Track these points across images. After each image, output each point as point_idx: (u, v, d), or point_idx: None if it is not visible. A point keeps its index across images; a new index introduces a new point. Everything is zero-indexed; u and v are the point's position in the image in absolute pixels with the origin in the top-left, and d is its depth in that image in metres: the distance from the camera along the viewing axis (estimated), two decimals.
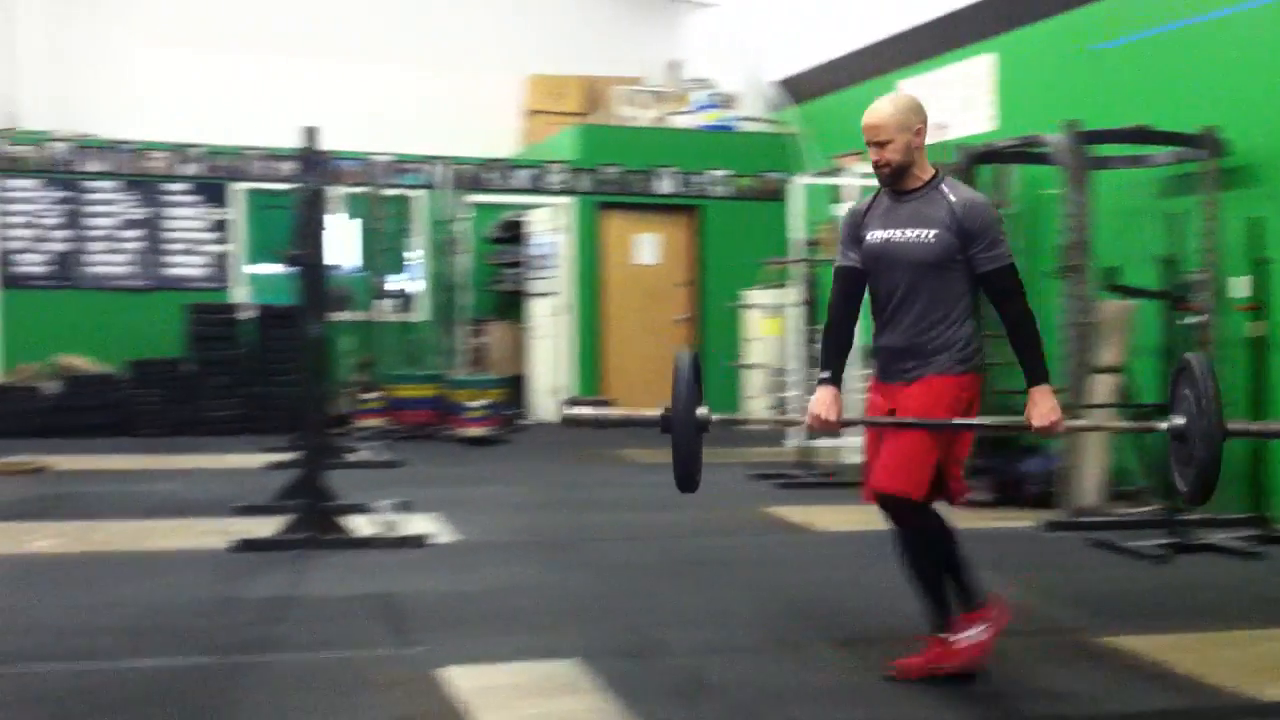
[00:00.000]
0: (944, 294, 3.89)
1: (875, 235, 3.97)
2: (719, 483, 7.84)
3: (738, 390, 11.64)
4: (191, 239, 11.90)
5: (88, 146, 11.65)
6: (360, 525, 6.48)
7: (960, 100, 9.90)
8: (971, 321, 3.94)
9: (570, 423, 5.52)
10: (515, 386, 12.44)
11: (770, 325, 10.73)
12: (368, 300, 11.96)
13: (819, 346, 4.12)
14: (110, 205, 11.68)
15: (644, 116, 13.09)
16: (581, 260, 12.50)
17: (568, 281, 12.45)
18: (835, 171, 9.66)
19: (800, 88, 12.54)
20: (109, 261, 11.72)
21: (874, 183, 4.06)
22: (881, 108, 3.93)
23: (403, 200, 12.31)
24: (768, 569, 5.89)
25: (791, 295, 9.49)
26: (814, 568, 6.01)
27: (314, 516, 6.23)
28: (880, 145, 3.91)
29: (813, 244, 9.41)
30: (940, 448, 3.87)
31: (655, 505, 7.53)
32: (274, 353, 11.27)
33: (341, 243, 11.56)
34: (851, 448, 9.11)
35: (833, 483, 8.50)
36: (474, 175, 12.34)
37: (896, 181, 3.95)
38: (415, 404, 11.08)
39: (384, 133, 12.31)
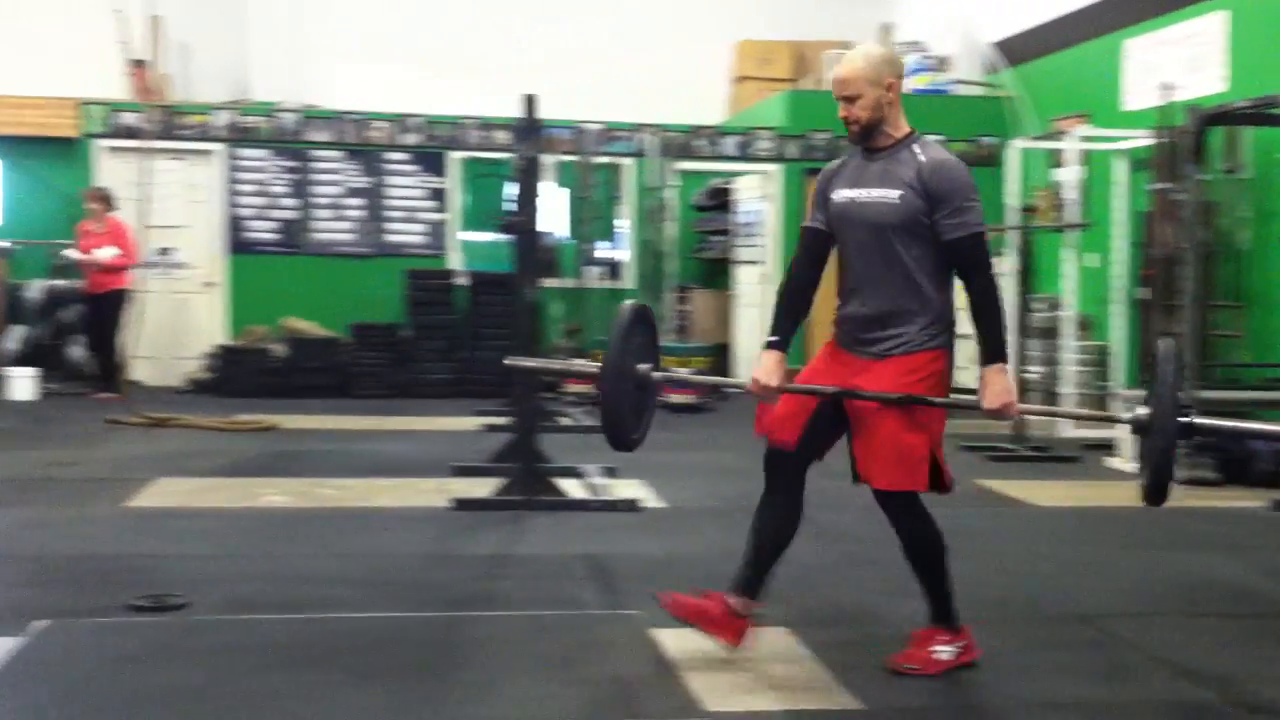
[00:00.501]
0: (912, 260, 3.65)
1: (840, 195, 3.75)
2: None
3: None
4: (410, 206, 12.27)
5: (313, 117, 12.11)
6: (572, 488, 6.62)
7: (1188, 60, 9.48)
8: (947, 292, 3.71)
9: (511, 369, 5.22)
10: (720, 354, 12.47)
11: None
12: (576, 267, 12.15)
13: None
14: (334, 174, 12.13)
15: None
16: (787, 228, 12.41)
17: (773, 249, 12.40)
18: (1054, 135, 9.38)
19: (1017, 49, 12.18)
20: (332, 228, 12.17)
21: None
22: (851, 60, 3.70)
23: (611, 168, 12.44)
24: (984, 541, 5.78)
25: (1006, 264, 9.27)
26: (1032, 542, 5.89)
27: (528, 478, 6.39)
28: (849, 100, 3.67)
29: (1028, 210, 9.16)
30: (931, 435, 3.69)
31: None
32: (486, 318, 11.57)
33: (552, 210, 11.76)
34: (1065, 423, 8.88)
35: (1047, 457, 8.29)
36: (682, 143, 12.39)
37: (867, 139, 3.72)
38: None
39: (594, 101, 12.43)
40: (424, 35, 13.28)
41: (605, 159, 12.32)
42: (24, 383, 10.52)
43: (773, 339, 3.88)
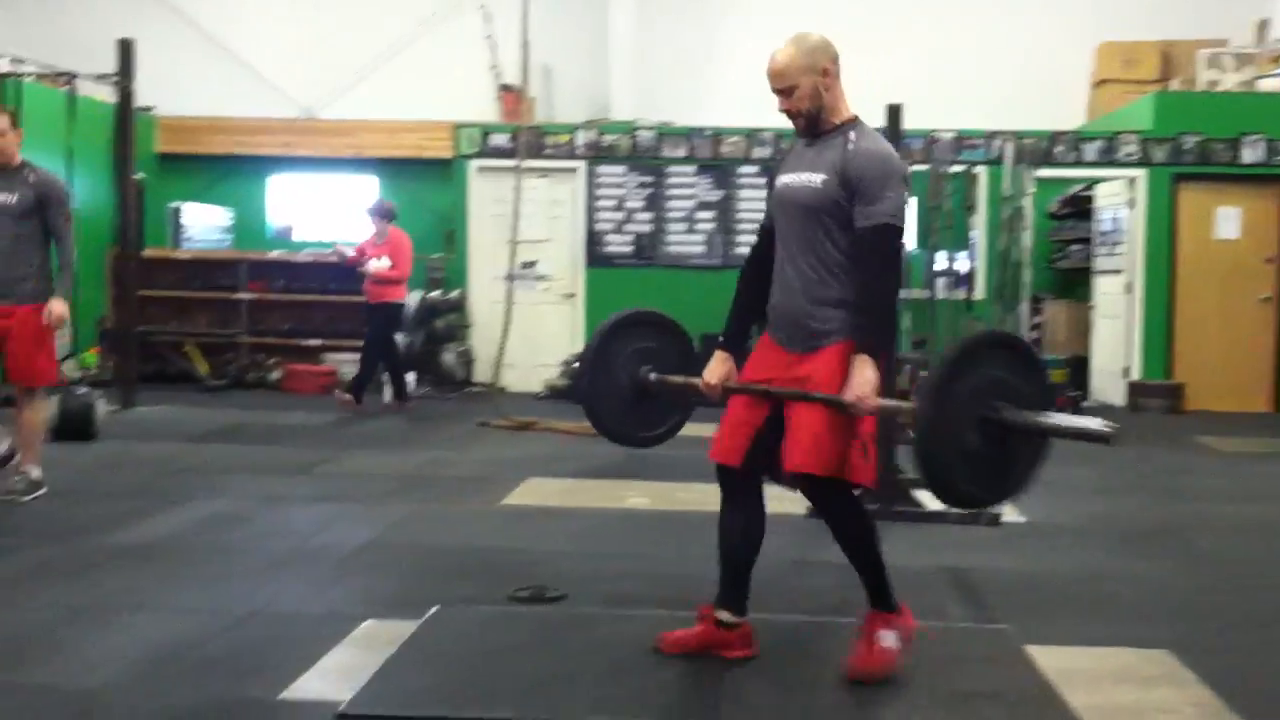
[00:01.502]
0: (833, 246, 3.54)
1: (779, 181, 3.71)
2: None
3: None
4: (761, 219, 12.41)
5: (668, 134, 12.44)
6: (929, 499, 6.54)
7: None
8: None
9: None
10: (1077, 367, 12.01)
11: None
12: (924, 278, 11.96)
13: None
14: (687, 188, 12.42)
15: (1228, 81, 12.20)
16: (1152, 235, 11.85)
17: (1136, 258, 11.85)
18: None
19: None
20: (685, 241, 12.46)
21: None
22: (784, 51, 3.67)
23: (965, 176, 12.18)
24: None
25: None
26: None
27: (886, 488, 6.35)
28: (787, 93, 3.66)
29: None
30: (852, 425, 3.55)
31: (1246, 496, 7.05)
32: None
33: None
34: None
35: None
36: (1039, 149, 12.01)
37: (814, 129, 3.65)
38: None
39: (947, 108, 12.23)
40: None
41: (959, 167, 12.08)
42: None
43: (721, 338, 3.91)
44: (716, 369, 3.88)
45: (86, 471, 7.31)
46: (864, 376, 3.49)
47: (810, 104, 3.65)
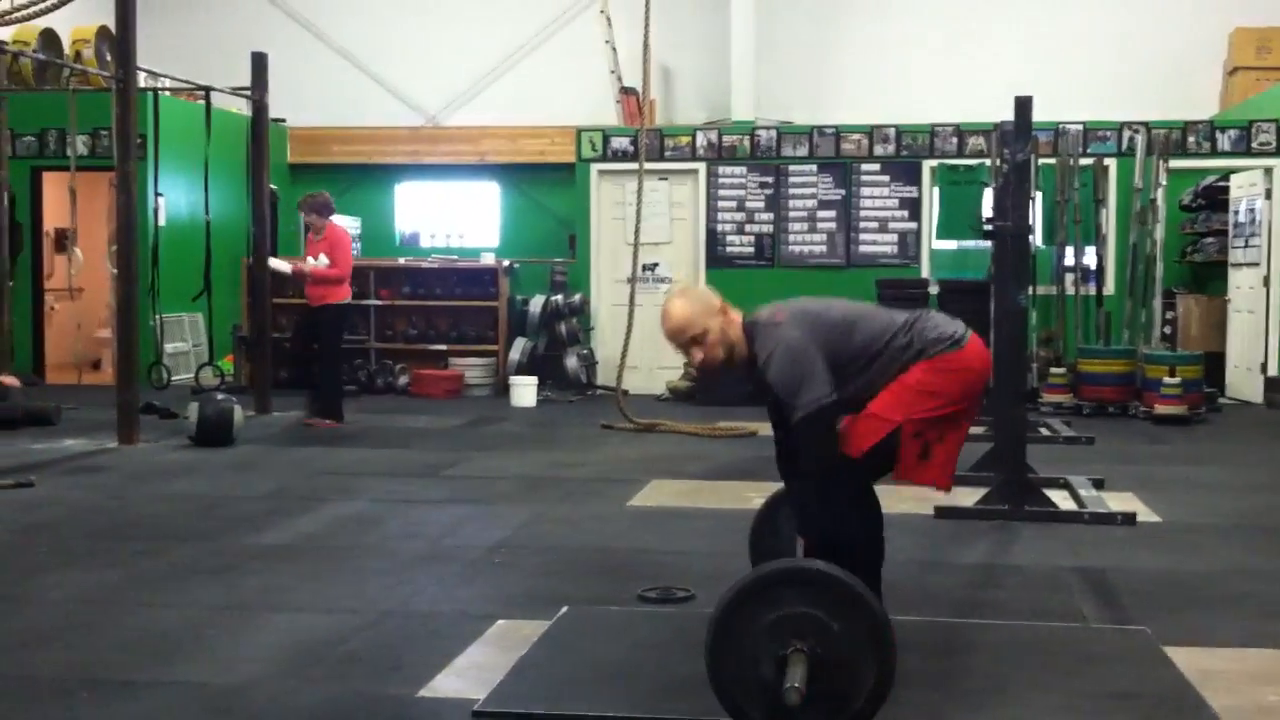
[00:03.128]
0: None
1: None
2: None
3: None
4: (881, 217, 12.33)
5: (788, 133, 12.41)
6: (1059, 499, 6.44)
7: None
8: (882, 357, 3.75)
9: None
10: (1212, 363, 11.69)
11: None
12: (1051, 273, 11.76)
13: None
14: (807, 187, 12.38)
15: None
16: None
17: (1274, 249, 11.50)
18: None
19: None
20: (805, 240, 12.42)
21: None
22: (674, 308, 3.79)
23: (1094, 169, 11.96)
24: None
25: None
26: None
27: (1014, 488, 6.27)
28: (698, 342, 3.78)
29: None
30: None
31: None
32: None
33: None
34: None
35: None
36: (1170, 139, 11.73)
37: (731, 368, 3.81)
38: (1104, 379, 10.74)
39: (1075, 99, 12.02)
40: (895, 48, 13.34)
41: (1088, 160, 11.86)
42: (527, 390, 11.40)
43: None
44: None
45: (226, 475, 7.53)
46: None
47: (723, 348, 3.78)
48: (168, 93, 12.01)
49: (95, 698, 3.60)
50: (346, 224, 13.72)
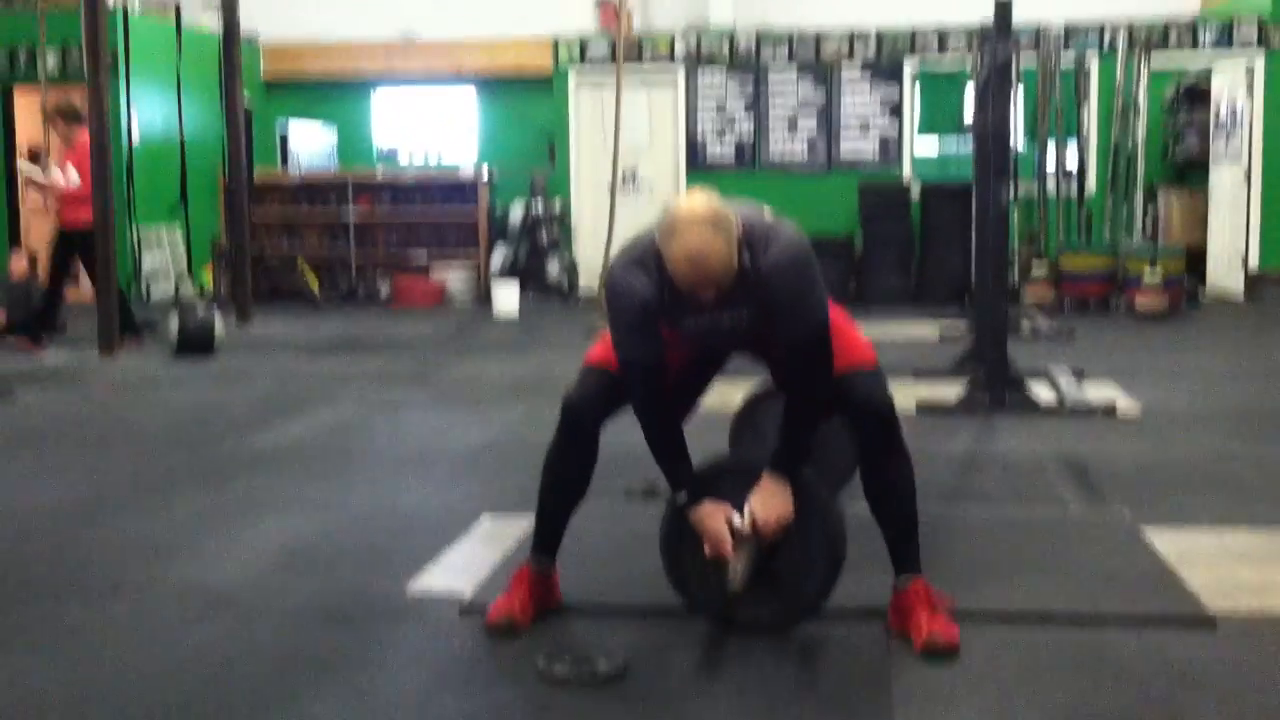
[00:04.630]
0: None
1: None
2: None
3: None
4: (863, 120, 12.25)
5: (767, 37, 12.27)
6: (1040, 392, 6.48)
7: None
8: None
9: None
10: (1193, 259, 11.71)
11: None
12: (1034, 172, 11.73)
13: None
14: (788, 92, 12.27)
15: None
16: (1271, 122, 11.46)
17: (1255, 146, 11.48)
18: None
19: None
20: (786, 145, 12.34)
21: None
22: (706, 244, 2.91)
23: (1075, 68, 11.86)
24: None
25: None
26: None
27: (995, 382, 6.31)
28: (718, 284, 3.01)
29: None
30: None
31: None
32: (938, 229, 11.48)
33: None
34: None
35: None
36: (1151, 37, 11.64)
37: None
38: (1085, 276, 10.78)
39: None
40: None
41: (1067, 58, 11.77)
42: (509, 298, 11.38)
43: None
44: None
45: (209, 384, 7.53)
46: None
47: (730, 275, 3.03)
48: (137, 10, 11.82)
49: (84, 599, 3.62)
50: (323, 133, 13.62)
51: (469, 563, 3.90)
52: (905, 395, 6.45)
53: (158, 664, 3.11)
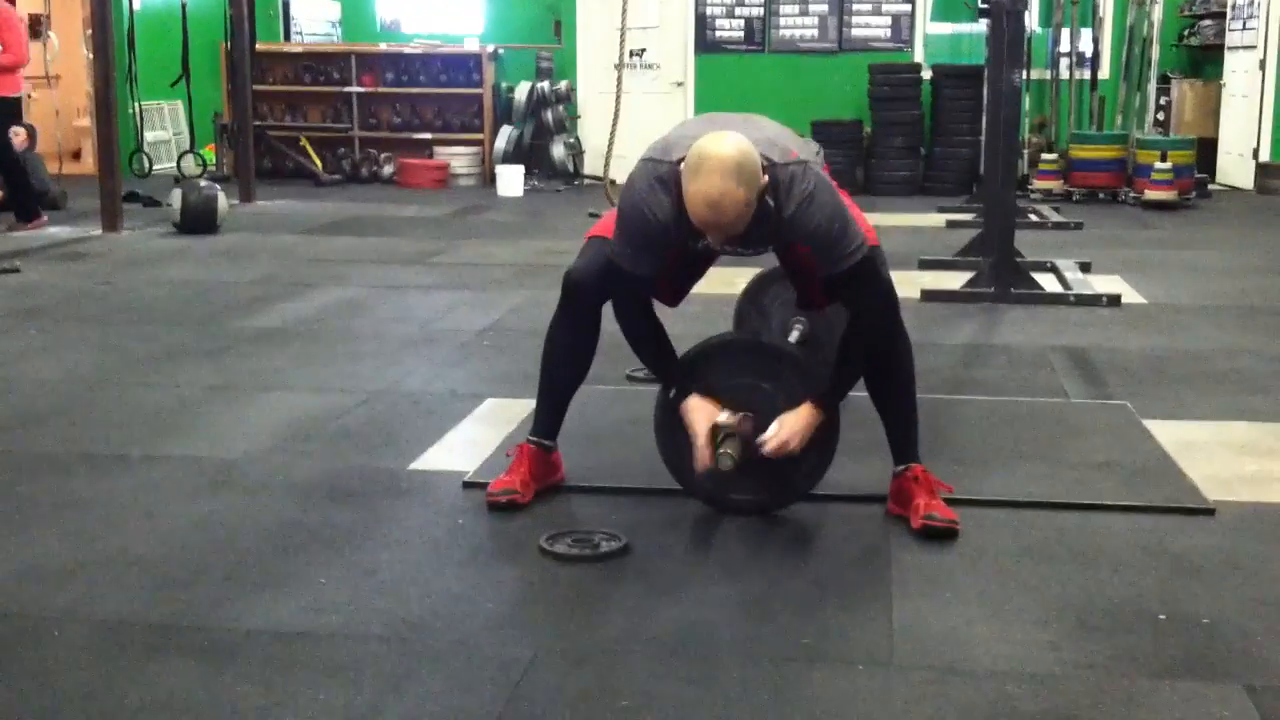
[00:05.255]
0: None
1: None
2: None
3: None
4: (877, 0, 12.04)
5: None
6: (1047, 282, 6.46)
7: None
8: None
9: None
10: (1205, 149, 11.59)
11: None
12: (1047, 58, 11.56)
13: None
14: None
15: None
16: None
17: (1272, 32, 11.28)
18: None
19: None
20: (797, 25, 12.15)
21: None
22: (725, 195, 2.83)
23: None
24: None
25: None
26: None
27: (1001, 271, 6.28)
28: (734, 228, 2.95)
29: None
30: None
31: None
32: (950, 113, 11.33)
33: None
34: None
35: None
36: None
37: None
38: (1095, 165, 10.67)
39: None
40: None
41: None
42: (513, 179, 11.30)
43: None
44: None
45: (212, 261, 7.51)
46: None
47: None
48: None
49: (91, 471, 3.65)
50: (326, 8, 13.40)
51: (472, 441, 3.92)
52: (910, 283, 6.44)
53: (163, 537, 3.14)
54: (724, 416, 3.16)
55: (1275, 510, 3.31)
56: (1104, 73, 11.72)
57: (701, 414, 3.17)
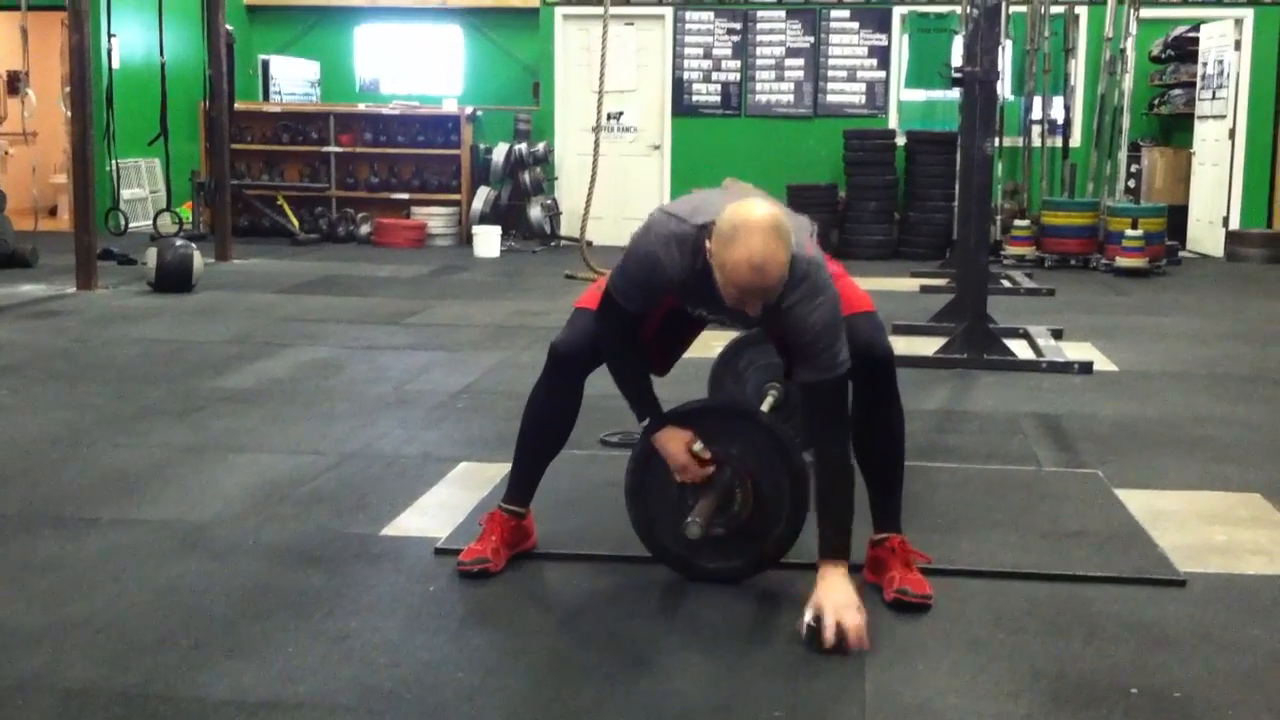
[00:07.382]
0: None
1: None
2: None
3: None
4: (851, 66, 12.18)
5: None
6: (1019, 348, 6.51)
7: None
8: None
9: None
10: (1176, 217, 11.73)
11: None
12: (1019, 124, 11.71)
13: None
14: (775, 34, 12.19)
15: None
16: (1258, 78, 11.46)
17: (1241, 102, 11.47)
18: None
19: None
20: (773, 89, 12.27)
21: None
22: (769, 257, 2.78)
23: (1064, 16, 11.82)
24: None
25: None
26: None
27: (974, 337, 6.32)
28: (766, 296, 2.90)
29: None
30: None
31: None
32: (924, 178, 11.45)
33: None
34: None
35: None
36: None
37: None
38: (1066, 231, 10.78)
39: None
40: None
41: (1058, 8, 11.71)
42: (490, 240, 11.34)
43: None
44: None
45: (187, 320, 7.49)
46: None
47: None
48: None
49: (59, 533, 3.61)
50: (305, 68, 13.48)
51: (445, 506, 3.91)
52: None
53: (131, 600, 3.11)
54: (699, 446, 3.18)
55: (1245, 581, 3.32)
56: (1075, 140, 11.87)
57: (677, 440, 3.19)
